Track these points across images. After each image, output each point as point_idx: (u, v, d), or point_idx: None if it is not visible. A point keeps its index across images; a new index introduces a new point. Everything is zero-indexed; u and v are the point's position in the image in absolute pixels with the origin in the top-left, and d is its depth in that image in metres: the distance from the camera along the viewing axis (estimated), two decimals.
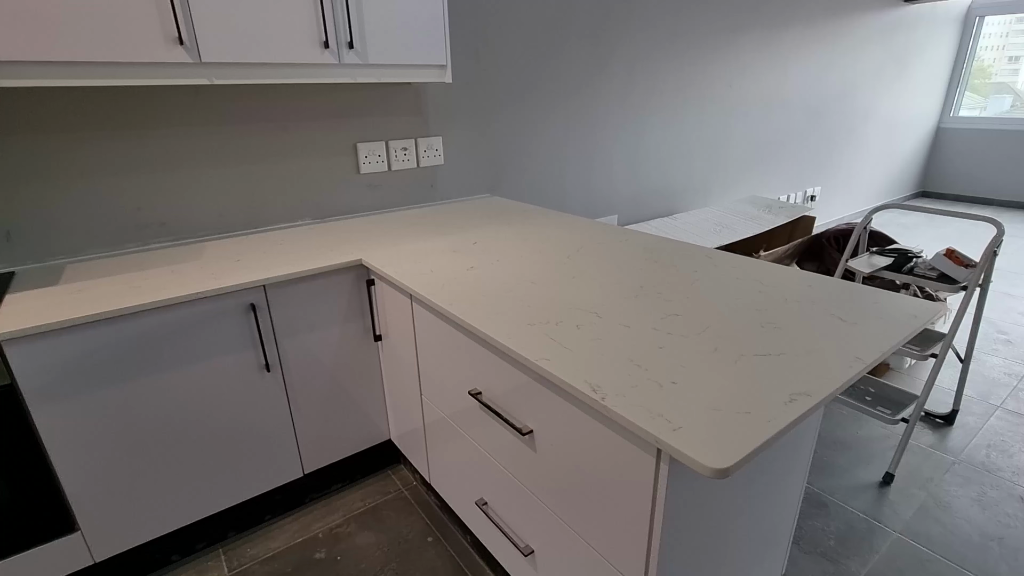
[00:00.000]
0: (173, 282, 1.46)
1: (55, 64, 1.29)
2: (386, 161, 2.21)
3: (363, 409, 1.82)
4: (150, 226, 1.79)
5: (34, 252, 1.63)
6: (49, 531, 1.37)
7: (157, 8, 1.36)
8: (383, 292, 1.62)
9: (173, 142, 1.77)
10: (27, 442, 1.28)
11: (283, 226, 2.04)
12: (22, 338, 1.21)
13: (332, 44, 1.63)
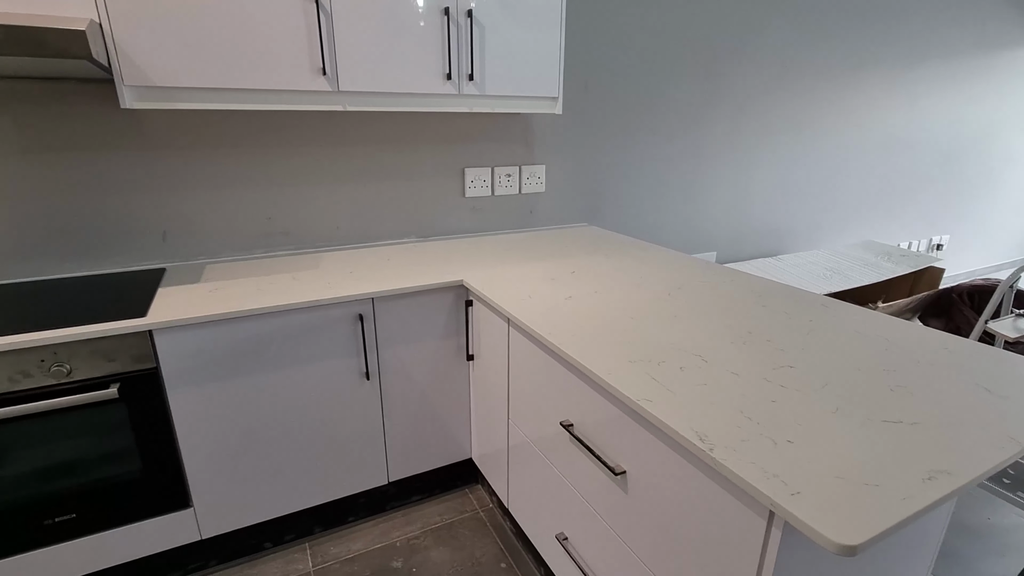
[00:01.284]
0: (294, 288, 1.58)
1: (222, 91, 1.47)
2: (490, 186, 2.28)
3: (448, 425, 1.86)
4: (276, 235, 1.97)
5: (182, 252, 1.84)
6: (166, 504, 1.52)
7: (308, 43, 1.52)
8: (480, 313, 1.66)
9: (302, 160, 1.94)
10: (161, 420, 1.44)
11: (391, 242, 2.16)
12: (168, 329, 1.37)
13: (454, 76, 1.73)
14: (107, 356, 1.33)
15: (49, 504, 1.37)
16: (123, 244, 1.76)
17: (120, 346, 1.34)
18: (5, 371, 1.24)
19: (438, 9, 1.65)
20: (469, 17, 1.69)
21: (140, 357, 1.36)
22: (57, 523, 1.39)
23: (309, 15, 1.50)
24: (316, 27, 1.51)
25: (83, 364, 1.31)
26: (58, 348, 1.28)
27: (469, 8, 1.69)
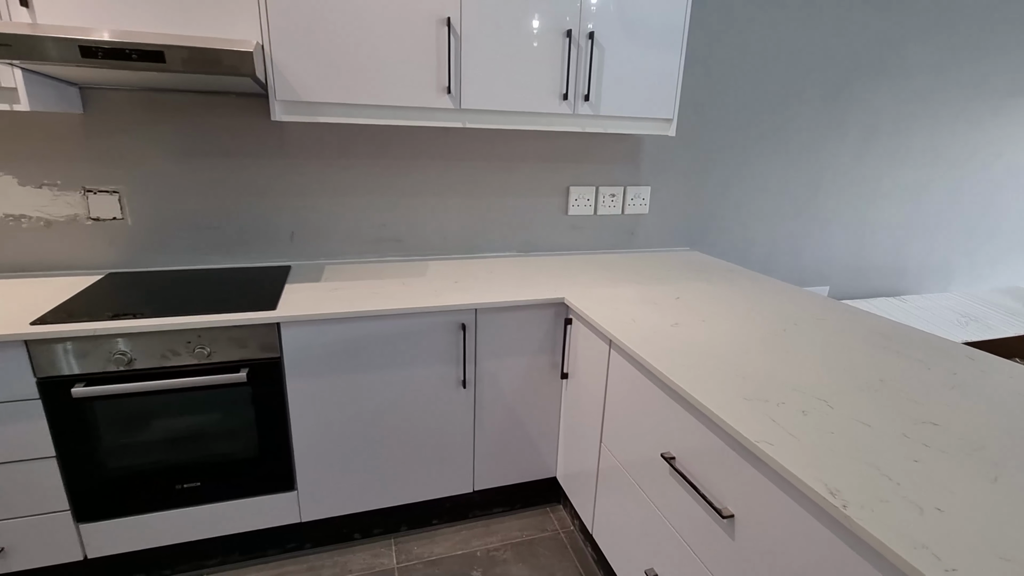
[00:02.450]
0: (404, 293, 1.66)
1: (357, 106, 1.59)
2: (593, 205, 2.28)
3: (536, 441, 1.86)
4: (388, 241, 2.08)
5: (305, 252, 2.00)
6: (275, 485, 1.63)
7: (436, 63, 1.61)
8: (579, 332, 1.65)
9: (416, 172, 2.04)
10: (278, 407, 1.55)
11: (493, 255, 2.21)
12: (293, 323, 1.48)
13: (570, 96, 1.75)
14: (240, 343, 1.47)
15: (181, 471, 1.53)
16: (257, 242, 1.94)
17: (252, 335, 1.47)
18: (159, 348, 1.41)
19: (560, 31, 1.69)
20: (590, 39, 1.71)
21: (267, 346, 1.49)
22: (185, 489, 1.55)
23: (441, 37, 1.59)
24: (446, 48, 1.60)
25: (221, 348, 1.45)
26: (202, 332, 1.43)
27: (591, 31, 1.71)
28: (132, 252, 1.82)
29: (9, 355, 1.30)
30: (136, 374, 1.40)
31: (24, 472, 1.39)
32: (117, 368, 1.39)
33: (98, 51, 1.20)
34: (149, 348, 1.40)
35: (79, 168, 1.71)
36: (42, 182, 1.69)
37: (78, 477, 1.45)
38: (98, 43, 1.20)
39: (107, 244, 1.79)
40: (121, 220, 1.78)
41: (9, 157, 1.65)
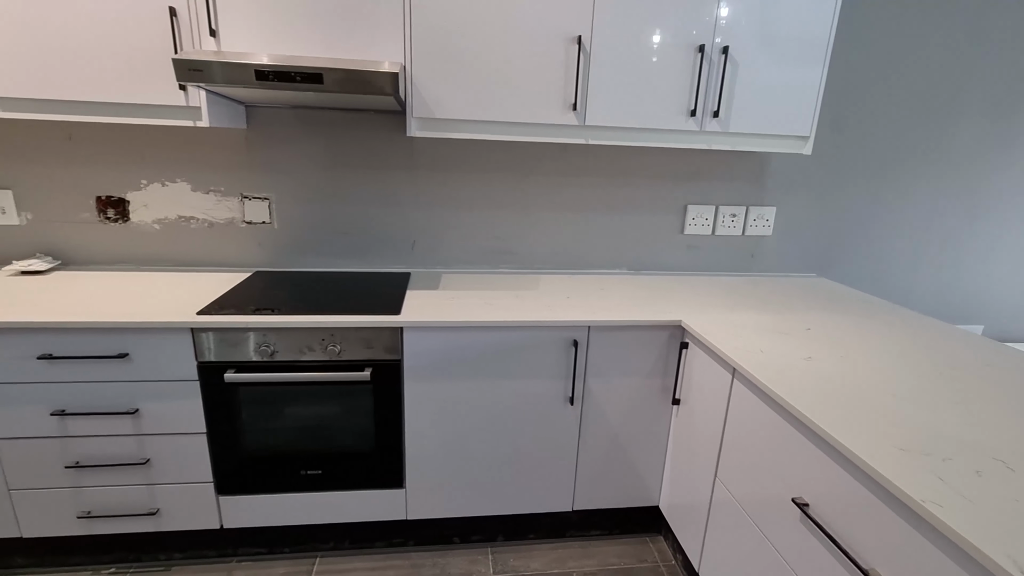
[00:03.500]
0: (518, 306, 1.68)
1: (486, 123, 1.65)
2: (711, 225, 2.18)
3: (640, 466, 1.79)
4: (500, 253, 2.13)
5: (424, 260, 2.09)
6: (386, 481, 1.71)
7: (564, 80, 1.63)
8: (696, 358, 1.58)
9: (531, 187, 2.07)
10: (395, 407, 1.63)
11: (604, 271, 2.19)
12: (415, 328, 1.55)
13: (698, 112, 1.69)
14: (367, 343, 1.56)
15: (306, 458, 1.65)
16: (381, 248, 2.06)
17: (377, 336, 1.56)
18: (297, 343, 1.53)
19: (692, 47, 1.64)
20: (724, 54, 1.65)
21: (390, 348, 1.57)
22: (309, 475, 1.67)
23: (570, 55, 1.61)
24: (575, 66, 1.61)
25: (349, 347, 1.56)
26: (335, 331, 1.54)
27: (726, 45, 1.64)
28: (276, 253, 2.01)
29: (178, 340, 1.48)
30: (277, 365, 1.54)
31: (180, 444, 1.57)
32: (262, 358, 1.53)
33: (269, 74, 1.34)
34: (289, 342, 1.53)
35: (239, 177, 1.92)
36: (209, 188, 1.92)
37: (222, 453, 1.61)
38: (269, 67, 1.34)
39: (256, 245, 2.00)
40: (269, 224, 1.98)
41: (186, 166, 1.89)
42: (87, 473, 1.56)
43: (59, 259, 1.92)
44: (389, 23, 1.53)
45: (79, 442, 1.53)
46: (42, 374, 1.46)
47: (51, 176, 1.85)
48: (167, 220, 1.94)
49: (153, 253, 1.96)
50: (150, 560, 1.74)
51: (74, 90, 1.49)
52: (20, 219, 1.88)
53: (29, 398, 1.47)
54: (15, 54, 1.45)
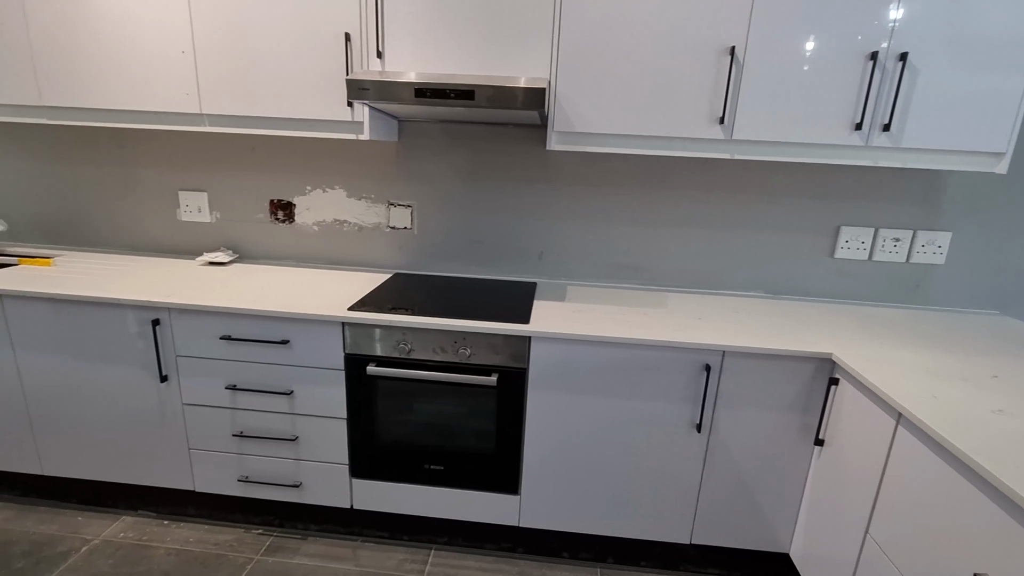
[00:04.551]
0: (645, 324, 1.64)
1: (627, 137, 1.64)
2: (868, 249, 1.96)
3: (771, 508, 1.65)
4: (628, 268, 2.09)
5: (550, 271, 2.12)
6: (501, 485, 1.74)
7: (712, 93, 1.56)
8: (848, 396, 1.42)
9: (663, 202, 2.01)
10: (517, 414, 1.66)
11: (737, 293, 2.06)
12: (543, 338, 1.57)
13: (865, 126, 1.54)
14: (495, 349, 1.61)
15: (431, 453, 1.73)
16: (510, 257, 2.12)
17: (505, 344, 1.60)
18: (432, 344, 1.62)
19: (861, 54, 1.49)
20: (901, 61, 1.48)
21: (516, 356, 1.61)
22: (432, 470, 1.75)
23: (721, 66, 1.54)
24: (725, 77, 1.54)
25: (479, 352, 1.61)
26: (467, 335, 1.60)
27: (903, 51, 1.48)
28: (415, 257, 2.15)
29: (330, 332, 1.63)
30: (412, 362, 1.64)
31: (324, 427, 1.73)
32: (400, 355, 1.64)
33: (427, 91, 1.44)
34: (425, 342, 1.62)
35: (387, 185, 2.09)
36: (361, 195, 2.11)
37: (358, 439, 1.74)
38: (427, 85, 1.44)
39: (397, 249, 2.15)
40: (410, 230, 2.12)
41: (344, 175, 2.09)
42: (248, 442, 1.77)
43: (237, 252, 2.22)
44: (537, 40, 1.57)
45: (244, 414, 1.74)
46: (222, 352, 1.68)
47: (236, 181, 2.15)
48: (324, 223, 2.15)
49: (311, 251, 2.19)
50: (290, 527, 1.92)
51: (263, 107, 1.72)
52: (211, 217, 2.19)
53: (211, 372, 1.71)
54: (224, 78, 1.70)
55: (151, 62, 1.71)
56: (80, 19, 1.69)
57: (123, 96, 1.75)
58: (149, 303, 1.64)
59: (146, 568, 1.72)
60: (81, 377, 1.75)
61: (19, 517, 1.92)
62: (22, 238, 2.31)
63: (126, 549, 1.80)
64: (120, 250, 2.26)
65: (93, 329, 1.70)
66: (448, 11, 1.58)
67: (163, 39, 1.69)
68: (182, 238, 2.24)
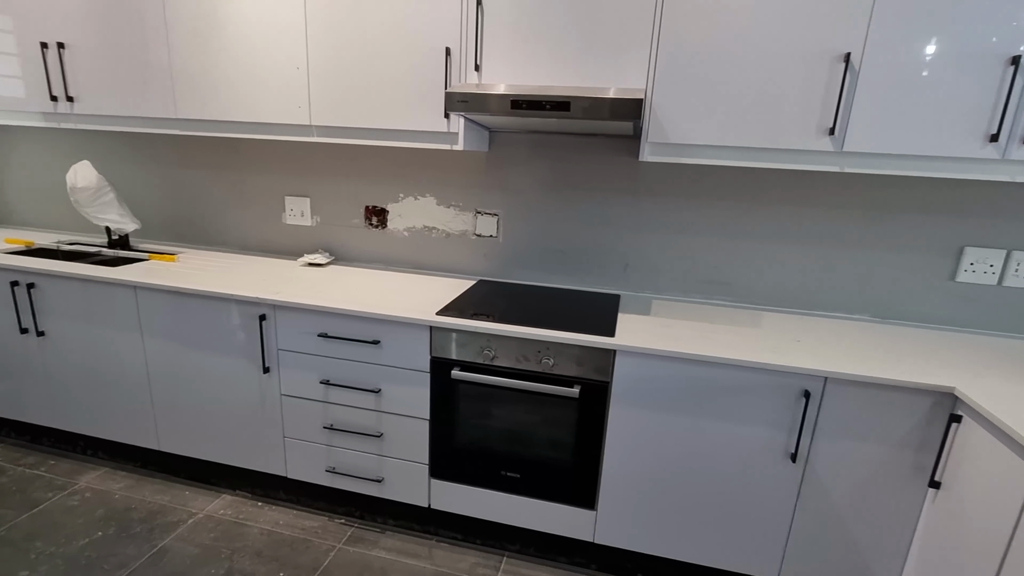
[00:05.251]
0: (738, 344, 1.56)
1: (725, 148, 1.58)
2: (998, 273, 1.76)
3: (873, 552, 1.51)
4: (717, 284, 2.00)
5: (634, 283, 2.08)
6: (577, 499, 1.72)
7: (822, 103, 1.47)
8: (973, 437, 1.28)
9: (758, 216, 1.91)
10: (597, 428, 1.64)
11: (838, 315, 1.92)
12: (629, 353, 1.54)
13: (1002, 138, 1.39)
14: (578, 361, 1.60)
15: (508, 460, 1.74)
16: (593, 268, 2.10)
17: (589, 356, 1.58)
18: (515, 352, 1.63)
19: (1000, 59, 1.35)
20: None
21: (600, 369, 1.58)
22: (508, 477, 1.76)
23: (833, 74, 1.45)
24: (837, 86, 1.45)
25: (561, 362, 1.61)
26: (550, 345, 1.60)
27: None
28: (499, 265, 2.19)
29: (418, 335, 1.69)
30: (496, 369, 1.66)
31: (407, 426, 1.79)
32: (483, 361, 1.67)
33: (523, 103, 1.46)
34: (508, 350, 1.64)
35: (475, 194, 2.14)
36: (450, 204, 2.17)
37: (438, 441, 1.78)
38: (524, 97, 1.46)
39: (482, 256, 2.19)
40: (495, 238, 2.16)
41: (435, 183, 2.17)
42: (337, 435, 1.87)
43: (334, 255, 2.36)
44: (634, 50, 1.56)
45: (335, 408, 1.84)
46: (319, 348, 1.79)
47: (335, 188, 2.28)
48: (414, 229, 2.24)
49: (401, 256, 2.28)
50: (370, 520, 2.00)
51: (366, 119, 1.82)
52: (312, 221, 2.34)
53: (308, 366, 1.82)
54: (331, 91, 1.82)
55: (269, 79, 1.86)
56: (213, 42, 1.88)
57: (244, 109, 1.91)
58: (258, 300, 1.77)
59: (242, 544, 1.86)
60: (196, 363, 1.93)
61: (138, 486, 2.13)
62: (152, 236, 2.58)
63: (225, 525, 1.95)
64: (232, 249, 2.47)
65: (208, 320, 1.86)
66: (545, 25, 1.60)
67: (281, 58, 1.83)
68: (285, 240, 2.41)
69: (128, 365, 2.00)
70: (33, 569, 1.70)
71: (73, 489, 2.09)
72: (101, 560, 1.75)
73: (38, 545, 1.80)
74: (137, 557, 1.78)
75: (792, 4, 1.44)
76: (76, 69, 2.04)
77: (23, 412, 2.22)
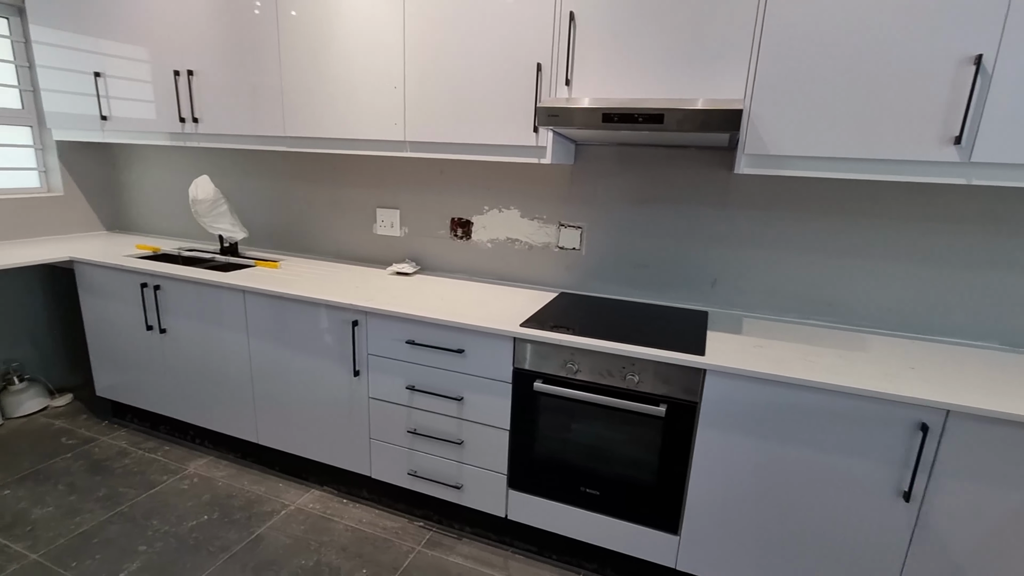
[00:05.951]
0: (844, 368, 1.45)
1: (831, 160, 1.49)
2: None
3: None
4: (817, 303, 1.88)
5: (723, 300, 1.99)
6: (659, 522, 1.66)
7: (947, 110, 1.35)
8: None
9: (864, 231, 1.78)
10: (683, 450, 1.58)
11: (958, 342, 1.74)
12: (720, 373, 1.47)
13: None
14: (664, 379, 1.55)
15: (587, 476, 1.71)
16: (678, 283, 2.03)
17: (676, 374, 1.53)
18: (599, 366, 1.61)
19: None
20: None
21: (688, 389, 1.53)
22: (587, 494, 1.73)
23: (960, 78, 1.33)
24: (967, 91, 1.33)
25: (647, 379, 1.57)
26: (635, 361, 1.57)
27: None
28: (580, 277, 2.18)
29: (502, 346, 1.71)
30: (578, 383, 1.65)
31: (487, 435, 1.81)
32: (566, 375, 1.66)
33: (614, 116, 1.45)
34: (592, 364, 1.62)
35: (559, 207, 2.14)
36: (534, 216, 2.19)
37: (518, 452, 1.79)
38: (616, 110, 1.45)
39: (564, 269, 2.19)
40: (577, 251, 2.15)
41: (520, 195, 2.19)
42: (419, 440, 1.92)
43: (420, 264, 2.44)
44: (731, 59, 1.51)
45: (418, 413, 1.90)
46: (406, 355, 1.86)
47: (423, 200, 2.37)
48: (498, 240, 2.28)
49: (483, 267, 2.33)
50: (447, 526, 2.04)
51: (456, 134, 1.88)
52: (401, 232, 2.45)
53: (395, 372, 1.89)
54: (425, 108, 1.90)
55: (368, 98, 1.97)
56: (321, 65, 2.02)
57: (344, 127, 2.04)
58: (352, 306, 1.87)
59: (329, 539, 1.95)
60: (293, 364, 2.06)
61: (238, 475, 2.29)
62: (257, 244, 2.79)
63: (313, 519, 2.05)
64: (327, 257, 2.63)
65: (306, 324, 1.98)
66: (637, 38, 1.58)
67: (381, 78, 1.93)
68: (375, 249, 2.53)
69: (234, 363, 2.17)
70: (150, 544, 1.88)
71: (184, 474, 2.28)
72: (206, 542, 1.90)
73: (154, 523, 1.98)
74: (237, 542, 1.91)
75: (916, 1, 1.34)
76: (202, 93, 2.26)
77: (145, 400, 2.46)
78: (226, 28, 2.14)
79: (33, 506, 2.05)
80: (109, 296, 2.36)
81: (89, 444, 2.47)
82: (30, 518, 1.99)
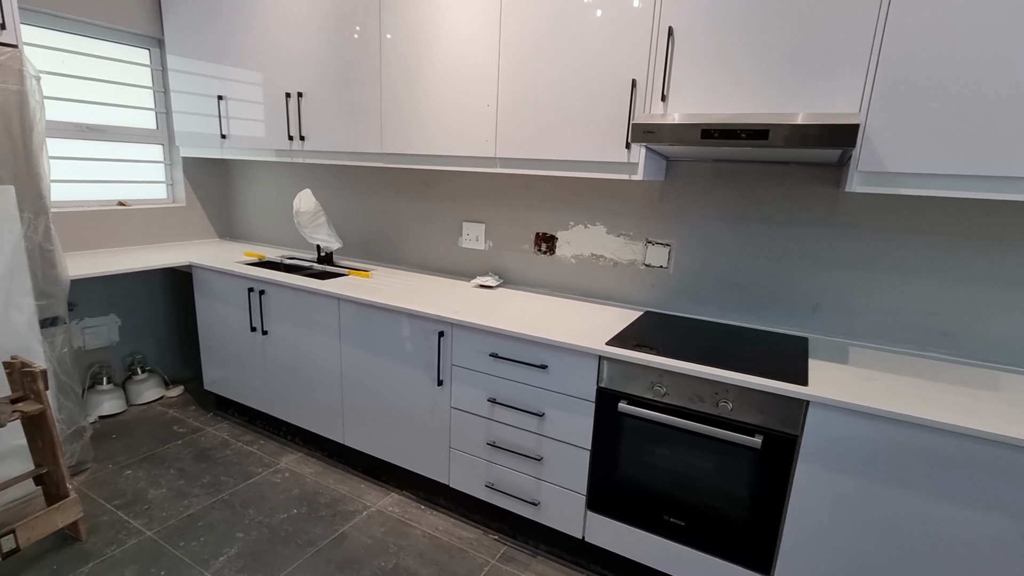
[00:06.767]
0: (972, 409, 1.30)
1: (956, 177, 1.35)
2: None
3: None
4: (935, 334, 1.71)
5: (826, 326, 1.86)
6: (749, 560, 1.56)
7: None
8: None
9: (994, 253, 1.59)
10: (780, 485, 1.47)
11: None
12: (825, 406, 1.37)
13: None
14: (761, 408, 1.46)
15: (673, 505, 1.64)
16: (776, 307, 1.92)
17: (774, 404, 1.44)
18: (689, 391, 1.55)
19: None
20: None
21: (787, 420, 1.43)
22: (671, 523, 1.66)
23: None
24: None
25: (741, 408, 1.49)
26: (730, 387, 1.49)
27: None
28: (667, 296, 2.11)
29: (586, 363, 1.69)
30: (666, 407, 1.59)
31: (567, 453, 1.78)
32: (654, 397, 1.60)
33: (715, 132, 1.40)
34: (682, 388, 1.56)
35: (646, 224, 2.10)
36: (620, 232, 2.16)
37: (598, 473, 1.75)
38: (716, 126, 1.40)
39: (649, 287, 2.14)
40: (665, 269, 2.09)
41: (605, 211, 2.17)
42: (498, 453, 1.93)
43: (503, 278, 2.47)
44: (846, 71, 1.41)
45: (499, 427, 1.91)
46: (489, 367, 1.88)
47: (509, 215, 2.40)
48: (582, 256, 2.26)
49: (566, 282, 2.32)
50: (522, 542, 2.02)
51: (546, 150, 1.89)
52: (485, 245, 2.49)
53: (478, 383, 1.91)
54: (516, 125, 1.93)
55: (464, 117, 2.03)
56: (417, 85, 2.11)
57: (438, 144, 2.11)
58: (439, 317, 1.92)
59: (407, 543, 1.99)
60: (380, 370, 2.14)
61: (325, 473, 2.41)
62: (351, 254, 2.95)
63: (393, 522, 2.11)
64: (414, 268, 2.72)
65: (394, 332, 2.06)
66: (739, 52, 1.53)
67: (475, 97, 1.99)
68: (460, 261, 2.59)
69: (326, 366, 2.29)
70: (247, 532, 2.01)
71: (277, 468, 2.43)
72: (295, 535, 2.00)
73: (251, 512, 2.12)
74: (323, 538, 2.00)
75: None
76: (309, 113, 2.43)
77: (246, 396, 2.65)
78: (332, 52, 2.29)
79: (150, 486, 2.26)
80: (220, 298, 2.57)
81: (196, 433, 2.70)
82: (147, 497, 2.19)
